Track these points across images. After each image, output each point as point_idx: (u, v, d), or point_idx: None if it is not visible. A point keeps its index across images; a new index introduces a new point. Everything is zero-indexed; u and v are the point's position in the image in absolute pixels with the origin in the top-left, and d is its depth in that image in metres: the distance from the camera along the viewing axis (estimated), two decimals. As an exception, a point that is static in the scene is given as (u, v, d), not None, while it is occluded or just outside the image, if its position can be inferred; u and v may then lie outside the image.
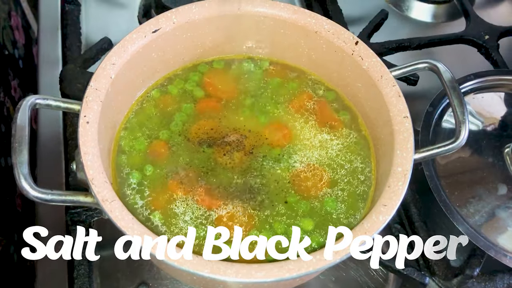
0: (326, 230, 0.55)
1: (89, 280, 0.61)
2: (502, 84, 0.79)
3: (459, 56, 0.89)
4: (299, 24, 0.63)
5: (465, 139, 0.55)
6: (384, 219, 0.49)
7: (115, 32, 0.81)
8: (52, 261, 0.63)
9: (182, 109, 0.62)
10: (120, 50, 0.57)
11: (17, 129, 0.49)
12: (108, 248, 0.65)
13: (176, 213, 0.55)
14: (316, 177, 0.59)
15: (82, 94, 0.54)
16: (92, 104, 0.53)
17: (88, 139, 0.51)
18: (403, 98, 0.57)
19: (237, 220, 0.55)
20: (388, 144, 0.56)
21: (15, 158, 0.48)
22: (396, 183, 0.52)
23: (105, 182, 0.49)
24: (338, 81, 0.65)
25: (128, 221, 0.47)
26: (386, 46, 0.83)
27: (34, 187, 0.47)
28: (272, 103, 0.64)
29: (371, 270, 0.67)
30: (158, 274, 0.64)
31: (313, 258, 0.47)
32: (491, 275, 0.65)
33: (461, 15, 0.93)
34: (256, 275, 0.45)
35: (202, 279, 0.54)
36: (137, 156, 0.58)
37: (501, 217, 0.67)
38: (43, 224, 0.66)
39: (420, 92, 0.80)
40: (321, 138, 0.62)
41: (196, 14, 0.61)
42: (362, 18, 0.91)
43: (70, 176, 0.68)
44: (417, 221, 0.68)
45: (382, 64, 0.60)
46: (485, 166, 0.70)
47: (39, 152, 0.72)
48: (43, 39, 0.85)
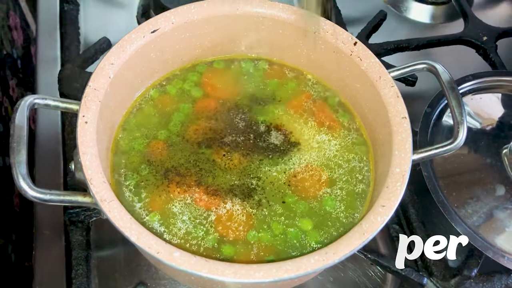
0: (325, 229, 0.55)
1: (87, 280, 0.61)
2: (500, 85, 0.79)
3: (457, 57, 0.89)
4: (298, 25, 0.63)
5: (463, 140, 0.55)
6: (383, 219, 0.49)
7: (114, 32, 0.81)
8: (50, 261, 0.63)
9: (181, 109, 0.62)
10: (118, 50, 0.57)
11: (16, 129, 0.49)
12: (106, 248, 0.66)
13: (174, 213, 0.55)
14: (315, 177, 0.59)
15: (81, 94, 0.53)
16: (90, 104, 0.53)
17: (86, 139, 0.51)
18: (402, 99, 0.57)
19: (235, 220, 0.55)
20: (387, 144, 0.56)
21: (13, 158, 0.48)
22: (394, 184, 0.52)
23: (103, 182, 0.49)
24: (336, 82, 0.65)
25: (126, 221, 0.47)
26: (384, 47, 0.83)
27: (32, 187, 0.47)
28: (271, 103, 0.64)
29: (369, 270, 0.67)
30: (156, 274, 0.64)
31: (312, 258, 0.47)
32: (489, 275, 0.65)
33: (459, 16, 0.93)
34: (255, 275, 0.45)
35: (200, 279, 0.54)
36: (135, 156, 0.58)
37: (499, 218, 0.67)
38: (41, 224, 0.66)
39: (418, 93, 0.80)
40: (319, 138, 0.62)
41: (195, 14, 0.61)
42: (361, 18, 0.91)
43: (68, 176, 0.68)
44: (415, 221, 0.68)
45: (381, 65, 0.60)
46: (483, 167, 0.71)
47: (37, 152, 0.72)
48: (42, 39, 0.84)
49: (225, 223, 0.55)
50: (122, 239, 0.47)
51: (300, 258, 0.47)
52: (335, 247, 0.48)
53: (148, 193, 0.56)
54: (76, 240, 0.63)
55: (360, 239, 0.48)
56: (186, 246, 0.53)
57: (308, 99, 0.65)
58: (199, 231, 0.54)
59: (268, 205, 0.56)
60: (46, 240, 0.65)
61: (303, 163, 0.59)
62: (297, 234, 0.54)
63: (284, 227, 0.55)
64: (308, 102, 0.64)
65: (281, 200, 0.57)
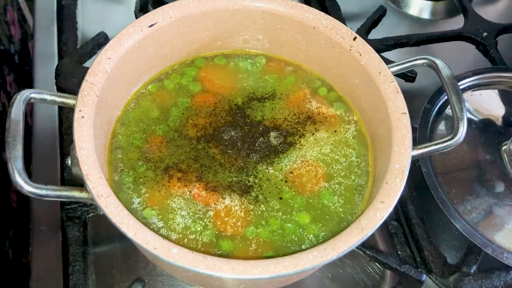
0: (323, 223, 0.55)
1: (84, 276, 0.61)
2: (500, 82, 0.79)
3: (457, 53, 0.89)
4: (296, 20, 0.62)
5: (463, 136, 0.55)
6: (382, 216, 0.49)
7: (112, 26, 0.80)
8: (47, 257, 0.63)
9: (179, 104, 0.62)
10: (116, 44, 0.57)
11: (12, 123, 0.49)
12: (103, 244, 0.65)
13: (172, 208, 0.54)
14: (313, 172, 0.58)
15: (78, 88, 0.53)
16: (87, 98, 0.53)
17: (83, 134, 0.50)
18: (401, 95, 0.57)
19: (234, 215, 0.54)
20: (386, 140, 0.56)
21: (9, 152, 0.47)
22: (393, 180, 0.51)
23: (100, 177, 0.48)
24: (336, 77, 0.65)
25: (123, 217, 0.47)
26: (384, 43, 0.83)
27: (28, 182, 0.47)
28: (269, 98, 0.64)
29: (367, 267, 0.67)
30: (154, 270, 0.64)
31: (310, 255, 0.46)
32: (488, 272, 0.65)
33: (459, 12, 0.92)
34: (253, 271, 0.45)
35: (198, 276, 0.54)
36: (133, 151, 0.58)
37: (498, 215, 0.67)
38: (38, 220, 0.66)
39: (418, 89, 0.79)
40: (318, 134, 0.61)
41: (193, 8, 0.61)
42: (360, 14, 0.91)
43: (65, 171, 0.68)
44: (414, 218, 0.68)
45: (381, 60, 0.59)
46: (482, 163, 0.70)
47: (34, 147, 0.71)
48: (39, 33, 0.84)
49: (224, 218, 0.54)
50: (119, 235, 0.47)
51: (298, 255, 0.46)
52: (333, 243, 0.47)
53: (145, 188, 0.55)
54: (73, 236, 0.63)
55: (358, 235, 0.48)
56: (184, 241, 0.53)
57: (307, 94, 0.64)
58: (198, 225, 0.54)
59: (265, 200, 0.56)
60: (43, 236, 0.65)
61: (301, 158, 0.59)
62: (295, 229, 0.54)
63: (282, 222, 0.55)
64: (307, 97, 0.64)
65: (278, 196, 0.56)
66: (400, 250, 0.67)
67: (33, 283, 0.61)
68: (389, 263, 0.64)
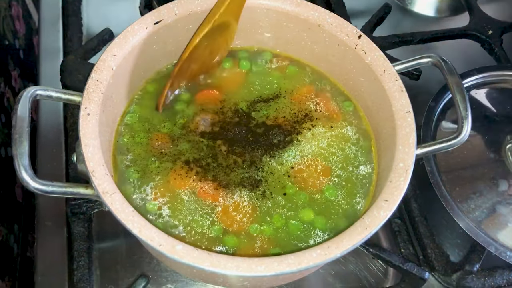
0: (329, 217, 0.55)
1: (89, 271, 0.61)
2: (505, 80, 0.79)
3: (462, 51, 0.89)
4: (301, 17, 0.62)
5: (467, 135, 0.55)
6: (385, 214, 0.49)
7: (117, 23, 0.80)
8: (52, 252, 0.63)
9: (184, 100, 0.62)
10: (121, 41, 0.57)
11: (18, 120, 0.49)
12: (108, 240, 0.66)
13: (177, 204, 0.55)
14: (317, 169, 0.58)
15: (83, 85, 0.53)
16: (93, 95, 0.53)
17: (88, 131, 0.50)
18: (406, 93, 0.57)
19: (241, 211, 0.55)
20: (390, 138, 0.56)
21: (15, 149, 0.48)
22: (397, 179, 0.52)
23: (105, 174, 0.49)
24: (340, 75, 0.65)
25: (128, 214, 0.47)
26: (388, 40, 0.83)
27: (34, 179, 0.47)
28: (274, 95, 0.64)
29: (370, 264, 0.67)
30: (158, 266, 0.64)
31: (314, 252, 0.46)
32: (491, 271, 0.65)
33: (464, 9, 0.92)
34: (257, 269, 0.45)
35: (202, 272, 0.54)
36: (138, 148, 0.58)
37: (502, 213, 0.67)
38: (43, 215, 0.66)
39: (422, 87, 0.79)
40: (322, 131, 0.61)
41: (198, 6, 0.61)
42: (365, 11, 0.90)
43: (70, 168, 0.68)
44: (417, 216, 0.68)
45: (385, 59, 0.59)
46: (486, 162, 0.70)
47: (39, 144, 0.72)
48: (44, 29, 0.84)
49: (231, 213, 0.55)
50: (124, 231, 0.47)
51: (302, 252, 0.47)
52: (337, 241, 0.48)
53: (151, 185, 0.55)
54: (78, 232, 0.63)
55: (362, 233, 0.48)
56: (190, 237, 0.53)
57: (311, 92, 0.64)
58: (205, 220, 0.54)
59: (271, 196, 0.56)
60: (48, 232, 0.65)
61: (306, 155, 0.59)
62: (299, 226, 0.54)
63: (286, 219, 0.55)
64: (311, 95, 0.64)
65: (282, 192, 0.56)
66: (403, 248, 0.67)
67: (38, 278, 0.62)
68: (392, 260, 0.64)
